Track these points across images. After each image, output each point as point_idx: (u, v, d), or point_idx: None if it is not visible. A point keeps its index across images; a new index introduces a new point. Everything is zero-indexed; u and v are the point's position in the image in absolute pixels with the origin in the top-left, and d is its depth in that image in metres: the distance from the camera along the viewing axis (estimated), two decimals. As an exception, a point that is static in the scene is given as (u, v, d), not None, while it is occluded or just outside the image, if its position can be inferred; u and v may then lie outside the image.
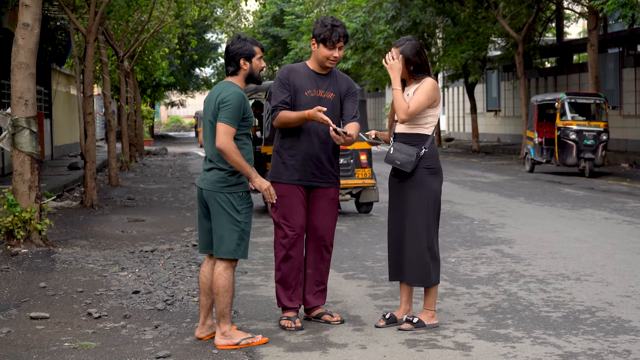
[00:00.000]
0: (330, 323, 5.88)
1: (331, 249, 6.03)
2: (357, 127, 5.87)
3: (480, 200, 14.04)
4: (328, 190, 5.92)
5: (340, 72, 6.09)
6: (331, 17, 5.94)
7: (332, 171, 5.93)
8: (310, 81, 5.88)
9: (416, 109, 5.69)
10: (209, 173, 5.37)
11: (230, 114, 5.23)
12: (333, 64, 5.87)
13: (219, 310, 5.35)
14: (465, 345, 5.34)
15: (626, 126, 26.21)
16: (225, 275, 5.34)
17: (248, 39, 5.44)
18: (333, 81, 5.93)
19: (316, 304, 5.98)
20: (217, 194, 5.31)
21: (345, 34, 5.84)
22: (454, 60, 28.78)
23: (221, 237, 5.31)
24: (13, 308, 6.39)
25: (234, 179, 5.33)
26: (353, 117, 5.94)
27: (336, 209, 6.01)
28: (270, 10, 46.74)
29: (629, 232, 10.25)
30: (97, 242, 9.72)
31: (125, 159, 22.89)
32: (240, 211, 5.32)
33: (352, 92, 6.01)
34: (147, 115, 42.21)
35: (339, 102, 5.94)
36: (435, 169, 5.81)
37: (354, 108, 5.98)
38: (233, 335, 5.34)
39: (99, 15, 13.60)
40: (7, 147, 9.11)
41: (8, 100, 17.87)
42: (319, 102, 5.84)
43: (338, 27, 5.81)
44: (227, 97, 5.26)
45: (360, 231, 10.59)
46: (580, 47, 30.32)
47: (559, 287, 7.07)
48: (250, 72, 5.44)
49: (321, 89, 5.88)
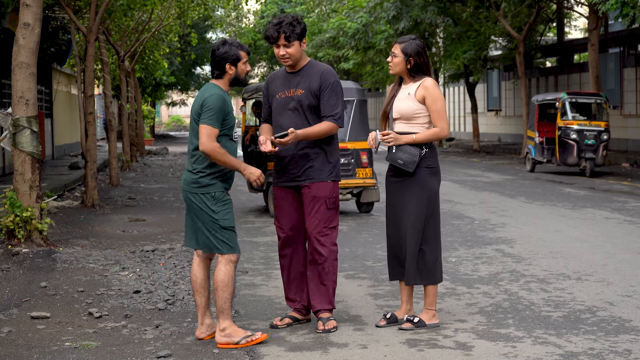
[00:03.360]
0: (316, 329, 5.73)
1: (324, 249, 5.76)
2: (314, 130, 5.71)
3: (481, 200, 14.04)
4: (309, 187, 5.78)
5: (320, 65, 5.88)
6: (285, 14, 5.89)
7: (311, 168, 5.78)
8: (284, 82, 5.89)
9: (444, 118, 5.73)
10: (186, 174, 5.47)
11: (212, 115, 5.28)
12: (287, 62, 5.78)
13: (218, 305, 5.35)
14: (466, 344, 5.34)
15: (627, 126, 26.21)
16: (224, 270, 5.36)
17: (234, 44, 5.46)
18: (304, 77, 5.82)
19: (320, 307, 5.82)
20: (192, 194, 5.39)
21: (280, 28, 5.67)
22: (454, 60, 28.77)
23: (206, 236, 5.38)
24: (14, 308, 6.40)
25: (205, 180, 5.37)
26: (327, 115, 5.76)
27: (321, 207, 5.76)
28: (270, 10, 46.73)
29: (629, 231, 10.25)
30: (98, 242, 9.72)
31: (126, 159, 22.89)
32: (216, 210, 5.36)
33: (326, 85, 5.76)
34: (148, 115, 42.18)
35: (311, 97, 5.77)
36: (435, 169, 5.81)
37: (330, 104, 5.75)
38: (233, 334, 5.35)
39: (99, 15, 13.60)
40: (8, 146, 9.11)
41: (9, 99, 17.88)
42: (287, 102, 5.81)
43: (278, 25, 5.71)
44: (209, 99, 5.31)
45: (361, 231, 10.59)
46: (581, 46, 30.30)
47: (559, 286, 7.07)
48: (235, 76, 5.48)
49: (292, 88, 5.84)
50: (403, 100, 5.80)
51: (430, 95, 5.73)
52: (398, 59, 5.80)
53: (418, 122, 5.79)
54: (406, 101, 5.79)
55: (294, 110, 5.80)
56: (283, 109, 5.85)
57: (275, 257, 8.55)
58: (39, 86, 22.10)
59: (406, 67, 5.79)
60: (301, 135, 5.69)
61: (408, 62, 5.78)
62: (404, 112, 5.78)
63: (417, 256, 5.75)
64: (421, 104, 5.76)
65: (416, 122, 5.78)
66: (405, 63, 5.78)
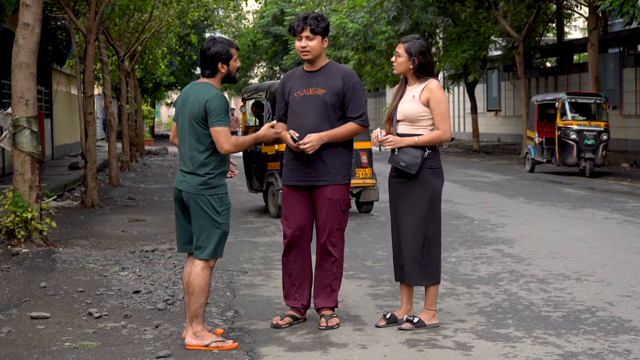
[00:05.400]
0: (319, 326, 5.80)
1: (335, 250, 5.86)
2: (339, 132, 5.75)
3: (481, 200, 14.04)
4: (324, 189, 5.82)
5: (340, 66, 5.95)
6: (308, 11, 5.96)
7: (327, 169, 5.80)
8: (301, 81, 5.88)
9: (447, 121, 5.72)
10: (189, 176, 5.39)
11: (221, 116, 5.30)
12: (306, 56, 5.79)
13: (193, 309, 5.33)
14: (466, 345, 5.34)
15: (626, 126, 26.22)
16: (203, 276, 5.34)
17: (224, 42, 5.46)
18: (325, 77, 5.83)
19: (323, 305, 5.90)
20: (198, 196, 5.34)
21: (308, 20, 5.73)
22: (454, 60, 28.78)
23: (202, 238, 5.34)
24: (14, 308, 6.40)
25: (214, 181, 5.36)
26: (353, 117, 5.80)
27: (336, 209, 5.83)
28: (270, 10, 46.75)
29: (629, 231, 10.25)
30: (98, 242, 9.73)
31: (125, 159, 22.89)
32: (220, 212, 5.35)
33: (349, 86, 5.79)
34: (147, 115, 42.17)
35: (334, 97, 5.77)
36: (438, 170, 5.82)
37: (355, 106, 5.80)
38: (204, 337, 5.34)
39: (99, 15, 13.60)
40: (8, 147, 9.11)
41: (9, 100, 17.87)
42: (307, 101, 5.80)
43: (304, 18, 5.77)
44: (212, 100, 5.30)
45: (360, 231, 10.59)
46: (580, 47, 30.32)
47: (559, 286, 7.07)
48: (227, 74, 5.48)
49: (311, 87, 5.83)
50: (407, 103, 5.81)
51: (435, 98, 5.73)
52: (402, 58, 5.80)
53: (422, 124, 5.78)
54: (410, 103, 5.79)
55: (315, 110, 5.77)
56: (302, 108, 5.82)
57: (275, 257, 8.56)
58: (38, 86, 22.11)
59: (410, 66, 5.80)
60: (326, 137, 5.71)
61: (412, 61, 5.78)
62: (408, 114, 5.78)
63: (418, 257, 5.75)
64: (425, 106, 5.76)
65: (420, 124, 5.78)
66: (409, 63, 5.79)
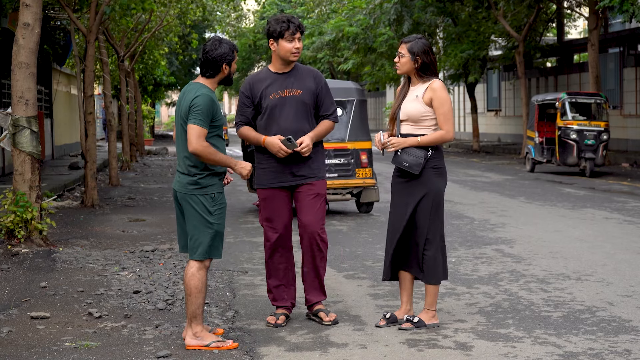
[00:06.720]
0: (322, 322, 5.88)
1: (324, 245, 5.95)
2: (321, 130, 5.91)
3: (481, 200, 14.04)
4: (311, 185, 5.90)
5: (305, 66, 6.03)
6: (283, 14, 6.05)
7: (311, 167, 5.91)
8: (273, 83, 5.89)
9: (450, 121, 5.72)
10: (182, 176, 5.39)
11: (200, 116, 5.23)
12: (297, 56, 5.86)
13: (191, 311, 5.33)
14: (466, 345, 5.34)
15: (627, 126, 26.22)
16: (198, 276, 5.34)
17: (229, 43, 5.44)
18: (297, 77, 5.90)
19: (317, 299, 5.99)
20: (189, 196, 5.33)
21: (301, 24, 5.88)
22: (454, 60, 28.77)
23: (195, 239, 5.33)
24: (14, 308, 6.40)
25: (205, 181, 5.34)
26: (327, 115, 5.96)
27: (323, 203, 5.96)
28: (270, 11, 46.71)
29: (629, 231, 10.25)
30: (98, 242, 9.73)
31: (125, 159, 22.89)
32: (212, 212, 5.33)
33: (321, 86, 5.94)
34: (147, 115, 42.20)
35: (310, 97, 5.90)
36: (441, 169, 5.82)
37: (328, 104, 5.97)
38: (204, 337, 5.34)
39: (99, 14, 13.60)
40: (8, 146, 9.11)
41: (9, 100, 17.87)
42: (285, 102, 5.85)
43: (293, 20, 5.86)
44: (197, 100, 5.26)
45: (360, 231, 10.59)
46: (580, 46, 30.32)
47: (559, 286, 7.07)
48: (227, 75, 5.46)
49: (286, 89, 5.87)
50: (411, 103, 5.81)
51: (438, 98, 5.73)
52: (405, 58, 5.81)
53: (425, 124, 5.79)
54: (414, 103, 5.79)
55: (296, 110, 5.84)
56: (281, 109, 5.86)
57: (275, 257, 8.55)
58: (38, 86, 22.11)
59: (414, 66, 5.80)
60: (315, 137, 5.86)
61: (415, 61, 5.78)
62: (411, 114, 5.78)
63: (421, 256, 5.76)
64: (429, 106, 5.76)
65: (423, 124, 5.79)
66: (413, 62, 5.79)
